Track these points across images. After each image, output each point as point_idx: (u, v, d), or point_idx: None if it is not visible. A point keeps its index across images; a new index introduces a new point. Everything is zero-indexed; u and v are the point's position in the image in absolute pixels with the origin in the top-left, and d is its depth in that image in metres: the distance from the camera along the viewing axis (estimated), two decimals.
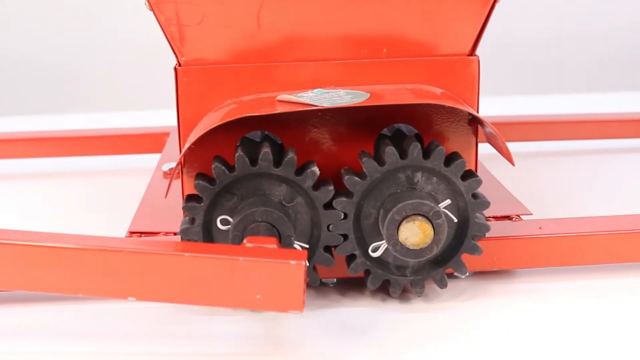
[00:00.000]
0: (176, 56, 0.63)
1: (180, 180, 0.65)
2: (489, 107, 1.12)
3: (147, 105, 1.39)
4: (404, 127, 0.65)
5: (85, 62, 1.52)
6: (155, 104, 1.35)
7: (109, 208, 0.85)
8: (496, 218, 0.69)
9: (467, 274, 0.66)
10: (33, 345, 0.58)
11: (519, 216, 0.69)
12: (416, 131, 0.65)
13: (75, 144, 0.97)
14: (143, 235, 0.67)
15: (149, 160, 0.97)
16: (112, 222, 0.77)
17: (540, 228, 0.65)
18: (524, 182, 0.86)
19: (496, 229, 0.66)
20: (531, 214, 0.69)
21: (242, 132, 0.64)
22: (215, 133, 0.63)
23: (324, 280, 0.65)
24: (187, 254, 0.51)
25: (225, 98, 0.63)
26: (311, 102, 0.58)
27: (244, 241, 0.53)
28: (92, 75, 1.52)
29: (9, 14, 1.49)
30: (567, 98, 1.39)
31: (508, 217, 0.69)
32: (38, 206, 0.89)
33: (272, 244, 0.52)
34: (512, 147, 0.99)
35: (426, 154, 0.59)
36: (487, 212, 0.70)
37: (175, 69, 0.63)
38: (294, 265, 0.50)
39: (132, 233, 0.68)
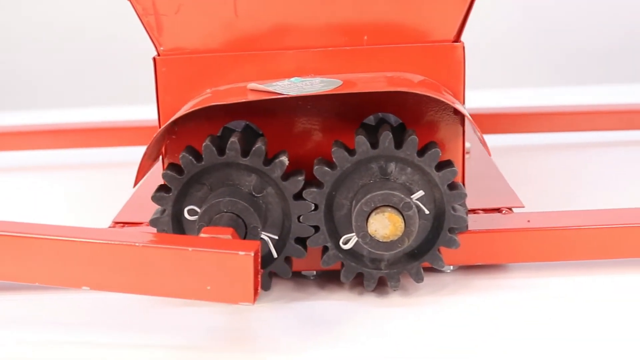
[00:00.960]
0: (155, 46, 0.63)
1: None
2: (493, 99, 1.10)
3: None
4: (393, 117, 0.63)
5: (93, 57, 1.55)
6: None
7: (117, 200, 0.86)
8: (485, 210, 0.66)
9: (452, 268, 0.64)
10: (10, 334, 0.58)
11: (510, 209, 0.67)
12: (400, 121, 0.63)
13: (88, 136, 0.98)
14: (126, 225, 0.67)
15: None
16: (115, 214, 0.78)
17: (528, 221, 0.63)
18: (524, 175, 0.83)
19: (483, 221, 0.64)
20: (523, 207, 0.67)
21: (225, 121, 0.63)
22: (197, 123, 0.63)
23: (304, 272, 0.64)
24: (138, 244, 0.50)
25: (204, 87, 0.63)
26: (278, 91, 0.57)
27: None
28: (98, 70, 1.55)
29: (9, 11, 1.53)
30: (559, 90, 1.35)
31: (498, 210, 0.66)
32: (43, 198, 0.90)
33: (227, 235, 0.52)
34: (510, 139, 0.99)
35: (399, 143, 0.58)
36: (478, 204, 0.67)
37: (154, 59, 0.62)
38: (243, 257, 0.49)
39: (116, 223, 0.68)
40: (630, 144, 1.00)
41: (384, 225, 0.56)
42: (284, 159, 0.58)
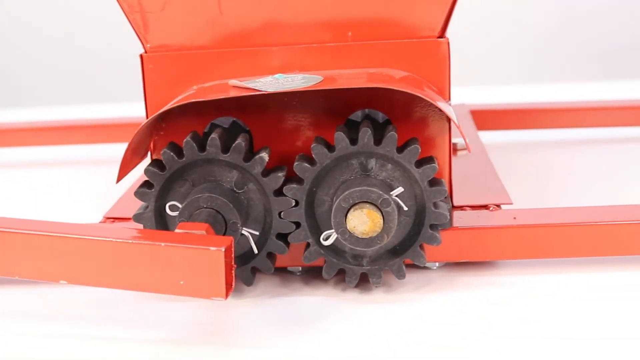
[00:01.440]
0: (142, 43, 0.64)
1: None
2: (495, 96, 1.09)
3: None
4: (380, 114, 0.63)
5: (92, 56, 1.56)
6: None
7: (116, 195, 0.87)
8: (472, 207, 0.66)
9: (437, 265, 0.64)
10: None
11: (498, 206, 0.66)
12: (387, 117, 0.63)
13: (92, 132, 0.99)
14: (117, 220, 0.68)
15: None
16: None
17: (514, 218, 0.62)
18: (522, 172, 0.83)
19: (468, 218, 0.63)
20: (511, 204, 0.66)
21: (213, 118, 0.63)
22: (185, 119, 0.63)
23: (289, 268, 0.64)
24: (113, 239, 0.51)
25: (191, 84, 0.63)
26: (258, 88, 0.57)
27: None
28: (97, 69, 1.57)
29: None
30: (559, 88, 1.34)
31: (485, 207, 0.66)
32: (42, 193, 0.91)
33: (201, 230, 0.52)
34: (511, 135, 0.98)
35: (379, 140, 0.57)
36: (466, 201, 0.67)
37: (141, 56, 0.63)
38: (214, 252, 0.49)
39: (107, 218, 0.69)
40: (623, 141, 0.99)
41: (363, 222, 0.56)
42: (264, 155, 0.58)
